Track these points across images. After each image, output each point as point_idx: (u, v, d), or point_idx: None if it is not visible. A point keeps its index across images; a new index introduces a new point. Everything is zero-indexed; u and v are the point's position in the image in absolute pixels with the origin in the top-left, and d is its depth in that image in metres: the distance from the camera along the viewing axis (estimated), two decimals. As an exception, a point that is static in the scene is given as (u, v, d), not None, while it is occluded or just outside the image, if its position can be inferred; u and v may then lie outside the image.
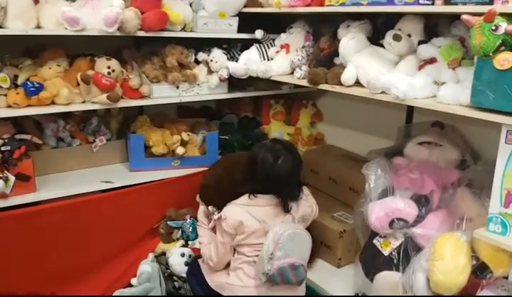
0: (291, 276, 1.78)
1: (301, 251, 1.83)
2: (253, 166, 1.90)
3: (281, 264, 1.76)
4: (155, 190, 2.40)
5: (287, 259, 1.76)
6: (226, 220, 1.87)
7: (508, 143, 1.43)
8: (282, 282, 1.79)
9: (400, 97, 1.68)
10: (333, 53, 2.11)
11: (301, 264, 1.81)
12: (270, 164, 1.86)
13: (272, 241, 1.78)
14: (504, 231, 1.47)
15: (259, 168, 1.87)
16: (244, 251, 1.88)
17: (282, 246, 1.76)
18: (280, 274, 1.77)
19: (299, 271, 1.80)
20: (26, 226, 2.04)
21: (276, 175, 1.86)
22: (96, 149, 2.49)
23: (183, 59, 2.44)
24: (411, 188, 1.89)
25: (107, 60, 2.24)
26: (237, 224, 1.84)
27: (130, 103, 2.32)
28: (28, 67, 2.17)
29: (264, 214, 1.87)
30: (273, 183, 1.87)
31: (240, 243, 1.87)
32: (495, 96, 1.42)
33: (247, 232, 1.84)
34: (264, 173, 1.87)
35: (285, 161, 1.87)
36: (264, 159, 1.87)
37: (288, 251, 1.77)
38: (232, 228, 1.86)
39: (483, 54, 1.42)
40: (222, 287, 1.90)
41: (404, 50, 1.88)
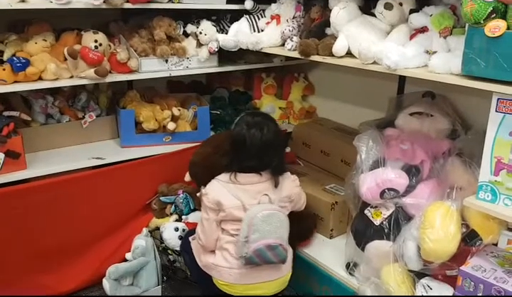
0: (271, 255, 1.77)
1: (277, 231, 1.79)
2: (241, 145, 1.86)
3: (257, 246, 1.74)
4: (147, 166, 2.39)
5: (263, 241, 1.75)
6: (207, 195, 1.86)
7: (498, 111, 1.43)
8: (263, 262, 1.78)
9: (391, 67, 1.66)
10: (325, 23, 2.08)
11: (279, 244, 1.78)
12: (259, 138, 1.84)
13: (246, 224, 1.76)
14: (494, 198, 1.49)
15: (248, 145, 1.84)
16: (228, 229, 1.86)
17: (256, 229, 1.75)
18: (258, 255, 1.76)
19: (278, 251, 1.78)
20: (17, 203, 2.03)
21: (266, 147, 1.85)
22: (86, 125, 2.47)
23: (172, 31, 2.40)
24: (402, 159, 1.89)
25: (94, 34, 2.20)
26: (217, 200, 1.83)
27: (118, 77, 2.29)
28: (14, 43, 2.13)
29: (244, 192, 1.84)
30: (264, 156, 1.86)
31: (224, 219, 1.86)
32: (486, 65, 1.41)
33: (227, 208, 1.82)
34: (255, 148, 1.84)
35: (270, 131, 1.86)
36: (252, 135, 1.84)
37: (263, 233, 1.75)
38: (213, 203, 1.84)
39: (474, 21, 1.41)
40: (209, 267, 1.90)
41: (396, 19, 1.85)
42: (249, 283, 1.85)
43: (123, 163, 2.33)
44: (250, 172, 1.86)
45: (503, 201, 1.47)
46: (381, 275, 1.80)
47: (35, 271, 2.14)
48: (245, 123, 1.88)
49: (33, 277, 2.14)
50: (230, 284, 1.84)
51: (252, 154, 1.85)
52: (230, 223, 1.85)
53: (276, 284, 1.89)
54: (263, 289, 1.87)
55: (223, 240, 1.87)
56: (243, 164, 1.86)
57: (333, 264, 2.12)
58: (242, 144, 1.85)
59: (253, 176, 1.86)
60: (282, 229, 1.81)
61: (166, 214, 2.42)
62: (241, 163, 1.86)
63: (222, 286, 1.86)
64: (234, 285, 1.84)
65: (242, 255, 1.77)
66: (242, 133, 1.85)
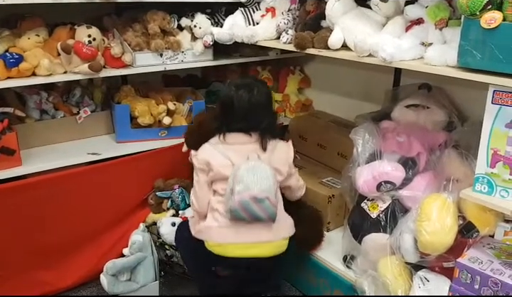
0: (257, 209, 1.72)
1: (263, 182, 1.73)
2: (229, 107, 1.87)
3: (242, 198, 1.70)
4: (143, 161, 2.38)
5: (248, 192, 1.70)
6: (196, 156, 1.88)
7: (494, 103, 1.43)
8: (250, 217, 1.74)
9: (387, 60, 1.66)
10: (320, 16, 2.07)
11: (266, 197, 1.72)
12: (247, 99, 1.84)
13: (231, 177, 1.75)
14: (490, 190, 1.49)
15: (236, 107, 1.84)
16: (218, 189, 1.84)
17: (241, 180, 1.72)
18: (243, 209, 1.72)
19: (265, 205, 1.72)
20: (13, 200, 2.02)
21: (254, 108, 1.84)
22: (80, 121, 2.45)
23: (166, 25, 2.37)
24: (398, 151, 1.89)
25: (88, 29, 2.17)
26: (206, 160, 1.84)
27: (113, 72, 2.27)
28: (6, 38, 2.10)
29: (233, 152, 1.83)
30: (252, 118, 1.85)
31: (214, 179, 1.85)
32: (482, 56, 1.40)
33: (215, 167, 1.82)
34: (243, 110, 1.84)
35: (259, 92, 1.87)
36: (240, 96, 1.84)
37: (248, 185, 1.71)
38: (202, 163, 1.85)
39: (469, 13, 1.40)
40: (200, 232, 1.87)
41: (391, 11, 1.84)
42: (239, 241, 1.81)
43: (119, 159, 2.32)
44: (239, 132, 1.87)
45: (499, 193, 1.47)
46: (378, 267, 1.80)
47: (32, 268, 2.14)
48: (234, 85, 1.90)
49: (31, 273, 2.14)
50: (219, 244, 1.82)
51: (240, 116, 1.85)
52: (219, 182, 1.84)
53: (270, 247, 1.84)
54: (255, 249, 1.82)
55: (214, 201, 1.86)
56: (231, 126, 1.87)
57: (331, 257, 2.13)
58: (229, 106, 1.86)
59: (242, 136, 1.86)
60: (269, 182, 1.75)
61: (163, 209, 2.41)
62: (229, 125, 1.87)
63: (213, 248, 1.83)
64: (224, 245, 1.82)
65: (228, 209, 1.75)
66: (230, 95, 1.87)
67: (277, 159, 1.89)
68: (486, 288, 1.52)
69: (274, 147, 1.90)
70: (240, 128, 1.86)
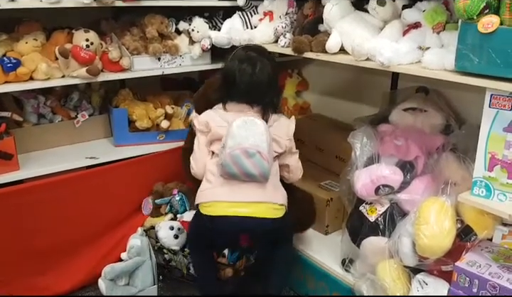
0: (249, 164, 1.70)
1: (255, 137, 1.71)
2: (230, 81, 1.86)
3: (233, 151, 1.70)
4: (141, 165, 2.38)
5: (239, 146, 1.70)
6: (197, 117, 1.91)
7: (491, 107, 1.43)
8: (241, 173, 1.72)
9: (384, 64, 1.66)
10: (318, 20, 2.07)
11: (257, 151, 1.70)
12: (249, 75, 1.83)
13: (225, 134, 1.77)
14: (488, 194, 1.49)
15: (238, 82, 1.83)
16: (215, 149, 1.86)
17: (233, 135, 1.72)
18: (234, 163, 1.70)
19: (256, 158, 1.69)
20: (11, 205, 2.02)
21: (256, 85, 1.84)
22: (78, 125, 2.45)
23: (164, 29, 2.38)
24: (396, 155, 1.89)
25: (85, 33, 2.18)
26: (206, 120, 1.87)
27: (110, 76, 2.27)
28: (4, 42, 2.10)
29: (232, 116, 1.82)
30: (254, 94, 1.85)
31: (212, 139, 1.87)
32: (479, 60, 1.40)
33: (213, 127, 1.84)
34: (244, 85, 1.84)
35: (262, 68, 1.85)
36: (243, 71, 1.83)
37: (240, 139, 1.70)
38: (202, 124, 1.88)
39: (467, 17, 1.40)
40: (198, 198, 1.87)
41: (389, 15, 1.85)
42: (231, 200, 1.78)
43: (117, 163, 2.32)
44: (241, 103, 1.88)
45: (497, 196, 1.48)
46: (377, 271, 1.80)
47: (30, 272, 2.13)
48: (238, 58, 1.88)
49: (29, 278, 2.13)
50: (212, 202, 1.80)
51: (241, 90, 1.85)
52: (216, 143, 1.85)
53: (264, 208, 1.80)
54: (248, 208, 1.78)
55: (210, 163, 1.88)
56: (233, 98, 1.88)
57: (329, 260, 2.13)
58: (231, 80, 1.86)
59: (243, 106, 1.87)
60: (261, 137, 1.73)
61: (161, 213, 2.41)
62: (231, 97, 1.89)
63: (205, 208, 1.82)
64: (216, 203, 1.79)
65: (219, 163, 1.75)
66: (232, 70, 1.86)
67: (277, 131, 1.88)
68: (484, 291, 1.52)
69: (276, 120, 1.91)
70: (242, 101, 1.88)
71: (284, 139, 1.91)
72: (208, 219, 1.80)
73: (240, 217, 1.77)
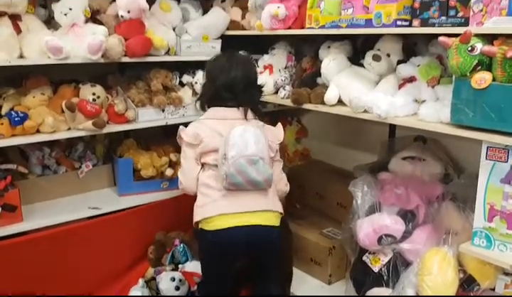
0: (252, 171, 1.70)
1: (256, 145, 1.73)
2: (212, 77, 1.91)
3: (237, 160, 1.68)
4: (143, 214, 2.39)
5: (241, 155, 1.69)
6: (184, 130, 1.88)
7: (488, 159, 1.47)
8: (246, 182, 1.71)
9: (381, 116, 1.72)
10: (316, 73, 2.16)
11: (260, 157, 1.71)
12: (227, 69, 1.86)
13: (223, 144, 1.74)
14: (489, 245, 1.51)
15: (225, 78, 1.86)
16: (208, 161, 1.82)
17: (233, 145, 1.71)
18: (239, 172, 1.69)
19: (259, 165, 1.70)
20: (13, 257, 2.02)
21: (244, 80, 1.88)
22: (82, 175, 2.47)
23: (168, 82, 2.45)
24: (397, 204, 1.92)
25: (92, 87, 2.24)
26: (195, 132, 1.83)
27: (116, 128, 2.32)
28: (12, 97, 2.15)
29: (221, 125, 1.82)
30: (241, 91, 1.86)
31: (203, 150, 1.82)
32: (474, 114, 1.46)
33: (205, 138, 1.81)
34: (224, 79, 1.86)
35: (247, 64, 1.94)
36: (221, 65, 1.89)
37: (241, 148, 1.70)
38: (191, 136, 1.84)
39: (460, 74, 1.47)
40: (198, 214, 1.82)
41: (384, 70, 1.92)
42: (236, 211, 1.76)
43: (119, 212, 2.33)
44: (225, 107, 1.87)
45: (498, 247, 1.49)
46: (382, 322, 1.80)
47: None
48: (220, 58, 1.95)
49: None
50: (216, 216, 1.75)
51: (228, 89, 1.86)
52: (209, 154, 1.82)
53: (269, 216, 1.80)
54: (252, 217, 1.76)
55: (203, 176, 1.84)
56: (219, 103, 1.88)
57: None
58: (213, 80, 1.89)
59: (228, 111, 1.86)
60: (261, 144, 1.75)
61: (162, 263, 2.39)
62: (217, 101, 1.89)
63: (209, 224, 1.76)
64: (221, 216, 1.75)
65: (223, 174, 1.72)
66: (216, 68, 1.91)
67: (268, 135, 1.87)
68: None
69: (262, 125, 1.92)
70: (225, 103, 1.87)
71: (275, 143, 1.93)
72: (214, 234, 1.76)
73: (247, 226, 1.76)
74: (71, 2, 2.14)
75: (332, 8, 1.97)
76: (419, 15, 1.67)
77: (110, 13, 2.29)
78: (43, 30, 2.14)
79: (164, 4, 2.44)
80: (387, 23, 1.72)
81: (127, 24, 2.22)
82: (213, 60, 1.99)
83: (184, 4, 2.56)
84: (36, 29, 2.13)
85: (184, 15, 2.52)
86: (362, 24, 1.82)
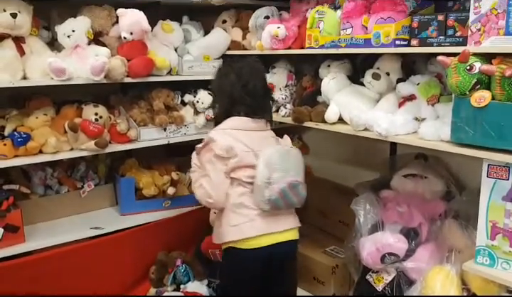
0: (292, 195, 1.75)
1: (296, 168, 1.79)
2: (227, 88, 1.84)
3: (281, 186, 1.71)
4: (145, 234, 2.39)
5: (285, 179, 1.73)
6: (216, 143, 1.76)
7: (489, 177, 1.48)
8: (286, 204, 1.76)
9: (382, 134, 1.73)
10: (316, 92, 2.18)
11: (300, 182, 1.78)
12: (246, 78, 1.82)
13: (264, 165, 1.73)
14: (492, 263, 1.50)
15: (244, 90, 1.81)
16: (240, 176, 1.77)
17: (277, 168, 1.73)
18: (283, 197, 1.73)
19: (298, 189, 1.77)
20: (15, 278, 2.01)
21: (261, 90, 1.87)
22: (84, 195, 2.47)
23: (170, 101, 2.48)
24: (400, 222, 1.92)
25: (94, 107, 2.26)
26: (229, 145, 1.75)
27: (118, 148, 2.33)
28: (15, 118, 2.17)
29: (248, 138, 1.80)
30: (255, 98, 1.83)
31: (237, 165, 1.76)
32: (474, 133, 1.47)
33: (240, 152, 1.76)
34: (242, 88, 1.81)
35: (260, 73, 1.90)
36: (238, 74, 1.83)
37: (283, 172, 1.74)
38: (223, 150, 1.75)
39: (459, 93, 1.48)
40: (228, 234, 1.77)
41: (384, 88, 1.94)
42: (273, 231, 1.78)
43: (121, 232, 2.33)
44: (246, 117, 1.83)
45: (501, 265, 1.49)
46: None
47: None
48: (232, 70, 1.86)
49: None
50: (253, 237, 1.75)
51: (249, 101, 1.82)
52: (242, 170, 1.77)
53: (295, 232, 1.87)
54: (287, 235, 1.82)
55: (235, 194, 1.79)
56: (239, 114, 1.82)
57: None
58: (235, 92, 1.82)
59: (254, 121, 1.83)
60: (300, 166, 1.83)
61: (164, 284, 2.38)
62: (236, 113, 1.83)
63: (246, 243, 1.75)
64: (258, 238, 1.76)
65: (266, 198, 1.72)
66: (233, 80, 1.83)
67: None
68: None
69: (276, 139, 1.93)
70: (246, 112, 1.83)
71: None
72: (253, 252, 1.77)
73: (282, 243, 1.81)
74: (74, 24, 2.18)
75: (331, 28, 2.00)
76: (418, 35, 1.70)
77: (113, 35, 2.32)
78: (46, 51, 2.17)
79: (166, 26, 2.47)
80: (386, 43, 1.74)
81: (130, 45, 2.25)
82: (227, 70, 1.90)
83: (186, 25, 2.60)
84: (39, 51, 2.15)
85: (186, 36, 2.55)
86: (361, 44, 1.85)
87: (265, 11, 2.45)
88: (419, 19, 1.69)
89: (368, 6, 1.89)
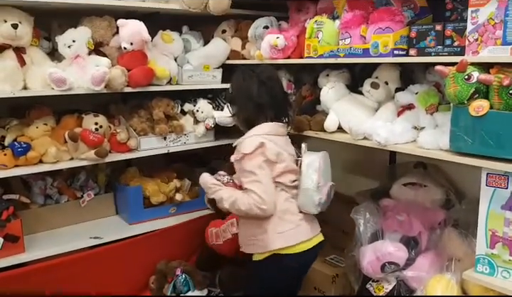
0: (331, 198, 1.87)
1: (329, 172, 1.92)
2: (251, 93, 1.82)
3: (328, 189, 1.82)
4: (145, 243, 2.38)
5: (328, 183, 1.85)
6: (264, 146, 1.72)
7: (488, 186, 1.48)
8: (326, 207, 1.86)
9: (381, 143, 1.74)
10: (315, 101, 2.19)
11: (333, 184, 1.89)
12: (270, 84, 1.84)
13: (313, 170, 1.80)
14: (492, 271, 1.50)
15: (270, 95, 1.82)
16: (286, 181, 1.78)
17: (323, 172, 1.82)
18: (327, 200, 1.84)
19: (333, 191, 1.89)
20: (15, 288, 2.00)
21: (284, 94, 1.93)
22: (84, 204, 2.47)
23: (170, 111, 2.48)
24: (399, 230, 1.92)
25: (94, 117, 2.26)
26: (277, 150, 1.75)
27: (118, 157, 2.33)
28: (15, 127, 2.18)
29: (281, 142, 1.84)
30: (279, 103, 1.89)
31: (282, 171, 1.77)
32: (473, 142, 1.48)
33: (286, 159, 1.80)
34: (270, 94, 1.82)
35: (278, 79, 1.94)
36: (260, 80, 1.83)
37: (325, 177, 1.84)
38: (274, 154, 1.74)
39: (458, 102, 1.49)
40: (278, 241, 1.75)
41: (383, 97, 1.95)
42: (312, 235, 1.85)
43: (121, 242, 2.32)
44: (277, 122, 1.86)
45: (501, 274, 1.49)
46: None
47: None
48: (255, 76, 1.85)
49: None
50: (297, 244, 1.78)
51: (276, 106, 1.86)
52: (287, 175, 1.80)
53: (321, 236, 1.93)
54: (318, 239, 1.89)
55: (281, 199, 1.79)
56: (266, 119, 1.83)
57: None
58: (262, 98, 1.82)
59: (281, 125, 1.87)
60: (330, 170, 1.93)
61: (164, 294, 2.37)
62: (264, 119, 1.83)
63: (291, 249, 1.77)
64: (303, 243, 1.80)
65: (317, 202, 1.79)
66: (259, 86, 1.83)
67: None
68: None
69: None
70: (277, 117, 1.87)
71: None
72: (296, 256, 1.78)
73: (315, 246, 1.87)
74: (75, 34, 2.20)
75: (330, 38, 2.02)
76: (416, 45, 1.71)
77: (113, 45, 2.34)
78: (46, 62, 2.18)
79: (166, 36, 2.49)
80: (384, 52, 1.75)
81: (130, 55, 2.26)
82: (249, 75, 1.88)
83: (185, 35, 2.62)
84: (40, 61, 2.17)
85: (186, 46, 2.57)
86: (359, 53, 1.86)
87: (264, 21, 2.47)
88: (417, 29, 1.71)
89: (366, 16, 1.91)
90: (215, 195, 1.89)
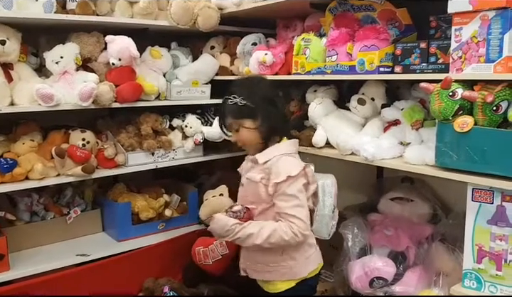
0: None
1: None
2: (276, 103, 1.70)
3: (335, 211, 1.85)
4: (132, 260, 2.34)
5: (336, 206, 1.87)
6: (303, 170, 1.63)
7: (474, 201, 1.50)
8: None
9: (368, 159, 1.75)
10: (303, 116, 2.20)
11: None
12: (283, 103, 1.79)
13: (329, 195, 1.81)
14: (479, 286, 1.51)
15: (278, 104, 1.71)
16: (310, 204, 1.71)
17: (333, 193, 1.85)
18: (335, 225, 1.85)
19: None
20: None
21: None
22: (70, 221, 2.44)
23: (158, 126, 2.48)
24: (387, 245, 1.93)
25: (82, 133, 2.25)
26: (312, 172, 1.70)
27: (105, 173, 2.32)
28: (1, 144, 2.16)
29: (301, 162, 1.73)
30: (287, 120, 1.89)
31: (311, 194, 1.71)
32: (458, 157, 1.50)
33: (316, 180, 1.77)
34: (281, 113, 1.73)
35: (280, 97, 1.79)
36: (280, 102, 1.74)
37: (335, 199, 1.87)
38: (311, 175, 1.68)
39: (443, 118, 1.52)
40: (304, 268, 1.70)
41: (369, 113, 1.98)
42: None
43: (107, 259, 2.29)
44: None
45: (488, 288, 1.50)
46: None
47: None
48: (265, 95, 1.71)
49: None
50: (318, 266, 1.80)
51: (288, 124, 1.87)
52: (311, 198, 1.74)
53: None
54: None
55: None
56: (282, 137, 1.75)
57: None
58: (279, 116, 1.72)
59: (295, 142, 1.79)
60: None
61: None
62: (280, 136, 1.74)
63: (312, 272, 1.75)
64: (319, 265, 1.81)
65: (330, 227, 1.82)
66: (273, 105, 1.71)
67: None
68: None
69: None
70: (289, 133, 1.86)
71: None
72: (314, 279, 1.79)
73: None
74: (62, 51, 2.19)
75: (317, 55, 2.04)
76: (401, 62, 1.74)
77: (101, 61, 2.33)
78: (34, 78, 2.17)
79: (155, 51, 2.50)
80: (370, 69, 1.78)
81: (118, 71, 2.26)
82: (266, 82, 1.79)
83: (174, 51, 2.63)
84: (27, 77, 2.16)
85: (174, 61, 2.58)
86: (346, 70, 1.89)
87: (253, 38, 2.49)
88: (402, 47, 1.74)
89: (352, 34, 1.94)
90: (240, 235, 1.63)
